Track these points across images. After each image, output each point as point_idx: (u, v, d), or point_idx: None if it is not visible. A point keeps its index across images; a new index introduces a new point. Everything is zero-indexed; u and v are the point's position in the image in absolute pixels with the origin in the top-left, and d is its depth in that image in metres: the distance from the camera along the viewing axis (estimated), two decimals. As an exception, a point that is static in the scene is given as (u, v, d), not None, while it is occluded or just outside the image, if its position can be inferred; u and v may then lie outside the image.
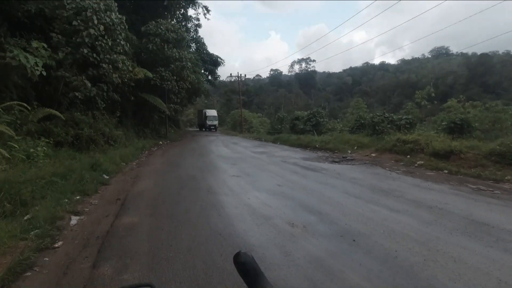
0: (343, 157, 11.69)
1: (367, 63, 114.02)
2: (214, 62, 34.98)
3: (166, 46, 19.83)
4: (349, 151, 12.80)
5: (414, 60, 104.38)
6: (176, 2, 22.62)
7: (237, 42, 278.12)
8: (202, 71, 33.46)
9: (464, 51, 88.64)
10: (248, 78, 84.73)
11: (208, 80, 37.60)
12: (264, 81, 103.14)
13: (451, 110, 18.61)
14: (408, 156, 10.36)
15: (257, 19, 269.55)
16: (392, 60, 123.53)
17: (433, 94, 22.07)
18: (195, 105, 50.65)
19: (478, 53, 78.25)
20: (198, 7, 29.52)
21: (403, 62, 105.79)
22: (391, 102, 78.99)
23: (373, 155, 11.50)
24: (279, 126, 26.99)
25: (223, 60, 35.68)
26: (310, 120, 20.75)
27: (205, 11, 30.19)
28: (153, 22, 19.33)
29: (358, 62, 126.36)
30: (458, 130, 12.15)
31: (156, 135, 22.50)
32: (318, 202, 5.50)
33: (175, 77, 20.71)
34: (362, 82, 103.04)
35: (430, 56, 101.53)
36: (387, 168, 9.03)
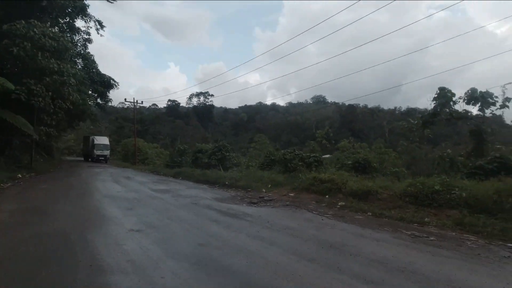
0: (260, 197, 10.44)
1: (260, 102, 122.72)
2: (105, 83, 30.39)
3: (40, 55, 15.56)
4: (264, 190, 11.70)
5: (299, 104, 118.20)
6: (60, 4, 18.58)
7: (134, 68, 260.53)
8: (90, 92, 28.48)
9: (336, 101, 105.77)
10: (143, 107, 78.85)
11: (97, 104, 32.35)
12: (161, 111, 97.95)
13: (345, 150, 20.43)
14: (327, 196, 9.87)
15: (156, 49, 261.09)
16: (281, 102, 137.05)
17: (331, 134, 24.36)
18: (77, 130, 42.79)
19: (347, 104, 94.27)
20: (90, 20, 25.46)
21: (291, 105, 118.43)
22: (282, 139, 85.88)
23: (291, 194, 10.65)
24: (179, 159, 24.56)
25: (116, 83, 31.42)
26: (215, 154, 19.27)
27: (98, 26, 26.29)
28: (23, 21, 14.99)
29: (253, 101, 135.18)
30: (361, 169, 12.66)
31: (15, 165, 16.84)
32: (269, 275, 3.81)
33: (50, 94, 16.33)
34: (256, 119, 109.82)
35: (311, 102, 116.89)
36: (314, 212, 8.11)
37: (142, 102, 37.10)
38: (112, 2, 25.25)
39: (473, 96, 11.88)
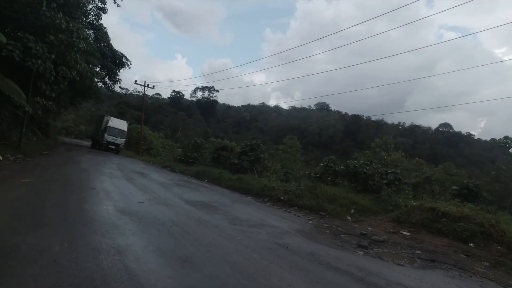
0: (362, 233, 6.60)
1: (263, 103, 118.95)
2: (117, 60, 26.10)
3: (45, 4, 11.50)
4: (350, 218, 7.87)
5: (302, 109, 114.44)
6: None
7: (140, 55, 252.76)
8: (99, 68, 24.15)
9: (340, 110, 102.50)
10: (146, 95, 74.06)
11: (105, 83, 27.88)
12: (164, 101, 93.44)
13: (398, 165, 16.88)
14: (471, 245, 6.10)
15: (165, 38, 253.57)
16: (285, 105, 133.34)
17: (392, 145, 20.70)
18: (78, 109, 38.11)
19: (350, 114, 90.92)
20: (107, -15, 21.23)
21: (294, 109, 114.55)
22: (283, 142, 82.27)
23: (404, 233, 6.82)
24: (195, 154, 20.61)
25: (129, 61, 27.06)
26: (246, 154, 15.34)
27: (116, -6, 21.96)
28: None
29: (255, 101, 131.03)
30: (471, 198, 8.96)
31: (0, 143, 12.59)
32: None
33: (52, 57, 12.18)
34: (259, 119, 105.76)
35: (315, 108, 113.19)
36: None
37: (153, 86, 32.91)
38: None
39: None
